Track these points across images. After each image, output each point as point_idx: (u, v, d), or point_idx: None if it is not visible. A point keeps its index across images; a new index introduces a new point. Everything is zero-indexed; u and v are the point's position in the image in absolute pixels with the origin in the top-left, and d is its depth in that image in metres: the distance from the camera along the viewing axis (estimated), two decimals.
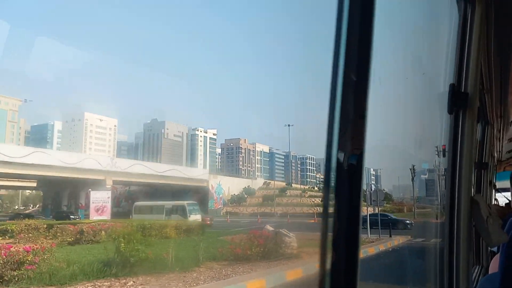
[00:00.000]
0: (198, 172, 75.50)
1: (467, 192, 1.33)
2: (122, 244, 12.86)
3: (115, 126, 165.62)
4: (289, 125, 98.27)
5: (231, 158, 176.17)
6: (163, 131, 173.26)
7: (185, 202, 40.88)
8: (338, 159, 0.74)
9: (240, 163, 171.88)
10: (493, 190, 6.42)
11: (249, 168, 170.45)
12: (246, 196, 77.72)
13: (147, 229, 21.94)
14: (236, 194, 76.37)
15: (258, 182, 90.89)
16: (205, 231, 25.15)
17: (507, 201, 5.80)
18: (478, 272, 3.37)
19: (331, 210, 0.77)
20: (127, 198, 74.32)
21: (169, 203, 41.21)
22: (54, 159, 48.19)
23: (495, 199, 7.89)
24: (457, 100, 1.36)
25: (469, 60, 1.40)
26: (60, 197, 60.00)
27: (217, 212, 67.04)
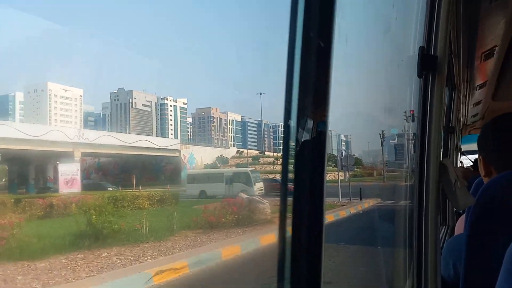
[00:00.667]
0: (170, 142, 74.89)
1: (436, 156, 1.33)
2: (94, 216, 12.75)
3: (80, 96, 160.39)
4: (260, 93, 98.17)
5: (203, 127, 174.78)
6: (130, 101, 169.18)
7: (248, 169, 38.22)
8: (299, 125, 0.70)
9: (212, 132, 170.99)
10: (459, 153, 6.65)
11: (221, 137, 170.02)
12: (219, 165, 77.92)
13: (119, 200, 21.77)
14: (209, 163, 76.41)
15: (231, 151, 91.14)
16: (178, 200, 25.19)
17: (471, 163, 6.02)
18: (445, 233, 3.51)
19: (291, 176, 0.73)
20: (97, 170, 73.15)
21: (229, 171, 38.91)
22: (18, 132, 46.46)
23: (461, 162, 8.21)
24: (426, 63, 1.35)
25: (439, 23, 1.38)
26: (27, 171, 58.31)
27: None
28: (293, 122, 0.70)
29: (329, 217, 17.47)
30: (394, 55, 2.13)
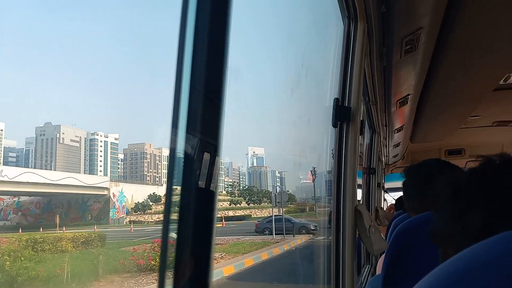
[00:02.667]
0: (98, 180, 71.33)
1: (351, 202, 1.38)
2: (8, 263, 11.60)
3: (1, 130, 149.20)
4: None
5: (135, 164, 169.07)
6: (58, 136, 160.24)
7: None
8: (186, 153, 0.61)
9: (145, 169, 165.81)
10: (382, 191, 7.01)
11: (155, 174, 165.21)
12: (151, 203, 75.24)
13: (39, 243, 20.06)
14: (140, 201, 73.52)
15: (164, 189, 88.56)
16: (105, 242, 23.77)
17: (394, 200, 6.36)
18: (368, 272, 3.61)
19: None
20: (16, 210, 67.40)
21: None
22: None
23: (384, 199, 8.63)
24: (341, 114, 1.42)
25: (352, 76, 1.47)
26: None
27: (119, 221, 63.93)
28: (180, 150, 0.62)
29: (263, 255, 17.38)
30: (317, 104, 2.24)
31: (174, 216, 0.65)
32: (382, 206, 7.29)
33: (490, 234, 0.54)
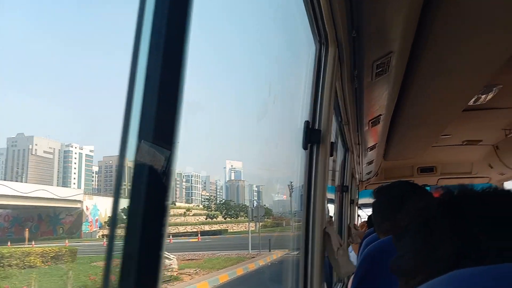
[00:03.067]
0: (71, 192, 69.58)
1: (320, 225, 1.39)
2: None
3: None
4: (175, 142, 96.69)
5: (110, 176, 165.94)
6: (30, 147, 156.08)
7: None
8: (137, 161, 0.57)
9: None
10: (356, 208, 7.09)
11: (130, 188, 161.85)
12: (125, 217, 73.64)
13: (6, 258, 19.31)
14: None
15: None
16: (76, 257, 23.09)
17: (367, 216, 6.43)
18: None
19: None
20: None
21: None
22: None
23: (358, 215, 8.71)
24: (311, 136, 1.43)
25: (323, 99, 1.49)
26: None
27: (92, 235, 62.34)
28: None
29: (238, 271, 17.21)
30: (290, 124, 2.25)
31: (121, 231, 0.60)
32: (356, 222, 7.36)
33: (456, 269, 0.54)
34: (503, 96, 3.79)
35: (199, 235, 47.50)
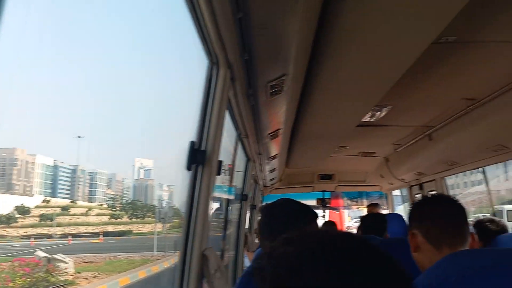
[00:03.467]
0: None
1: (199, 249, 1.38)
2: None
3: None
4: (78, 136, 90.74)
5: (2, 171, 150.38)
6: None
7: None
8: None
9: (15, 177, 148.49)
10: (258, 213, 7.26)
11: (25, 184, 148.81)
12: (17, 215, 67.31)
13: None
14: (4, 213, 65.28)
15: (35, 200, 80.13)
16: None
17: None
18: None
19: None
20: None
21: None
22: None
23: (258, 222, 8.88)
24: (195, 157, 1.42)
25: (211, 120, 1.50)
26: None
27: None
28: None
29: (140, 273, 16.66)
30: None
31: None
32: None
33: None
34: (392, 116, 4.17)
35: (101, 236, 45.11)
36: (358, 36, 1.88)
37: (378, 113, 4.14)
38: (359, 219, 3.27)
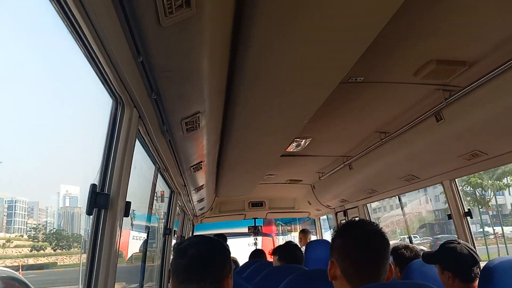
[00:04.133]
0: None
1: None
2: None
3: None
4: None
5: None
6: None
7: None
8: None
9: None
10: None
11: None
12: None
13: None
14: None
15: None
16: None
17: None
18: None
19: None
20: None
21: None
22: None
23: None
24: (97, 200, 1.37)
25: (115, 161, 1.45)
26: None
27: None
28: None
29: None
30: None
31: None
32: None
33: None
34: (315, 146, 4.34)
35: (20, 269, 41.43)
36: (267, 77, 1.96)
37: (301, 144, 4.30)
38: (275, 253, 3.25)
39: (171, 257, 1.39)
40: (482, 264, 2.11)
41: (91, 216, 1.39)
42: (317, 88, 2.22)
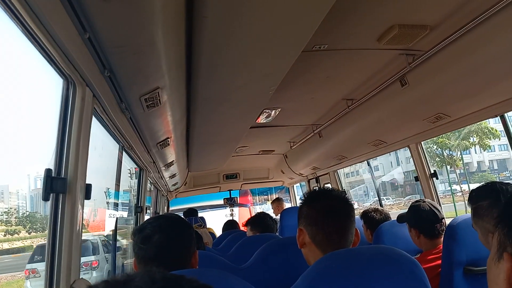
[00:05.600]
0: None
1: (66, 281, 1.29)
2: None
3: None
4: None
5: None
6: None
7: None
8: None
9: None
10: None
11: None
12: None
13: None
14: None
15: None
16: None
17: None
18: None
19: None
20: None
21: None
22: None
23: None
24: (53, 185, 1.32)
25: (70, 142, 1.40)
26: None
27: None
28: None
29: None
30: None
31: None
32: None
33: None
34: (285, 116, 4.34)
35: None
36: (228, 49, 1.90)
37: (271, 114, 4.29)
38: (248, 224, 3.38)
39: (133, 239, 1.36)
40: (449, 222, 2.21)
41: (49, 202, 1.34)
42: (280, 57, 2.18)
